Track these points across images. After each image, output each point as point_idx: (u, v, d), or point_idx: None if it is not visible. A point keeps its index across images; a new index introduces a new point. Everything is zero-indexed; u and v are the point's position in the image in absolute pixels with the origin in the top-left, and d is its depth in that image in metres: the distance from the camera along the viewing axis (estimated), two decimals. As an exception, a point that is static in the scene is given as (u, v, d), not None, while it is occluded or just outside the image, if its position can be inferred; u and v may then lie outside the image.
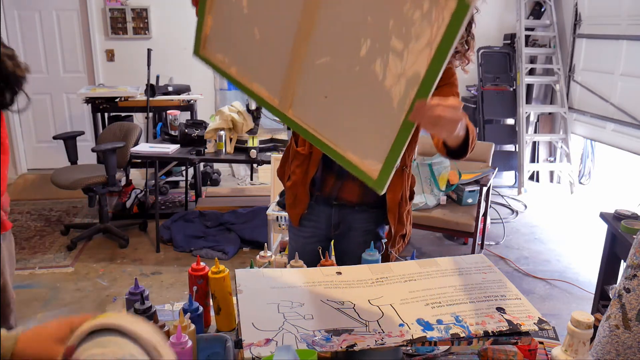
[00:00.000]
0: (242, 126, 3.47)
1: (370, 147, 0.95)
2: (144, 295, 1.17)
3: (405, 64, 0.85)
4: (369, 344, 0.92)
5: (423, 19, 0.81)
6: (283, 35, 1.03)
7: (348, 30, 0.93)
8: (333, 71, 0.97)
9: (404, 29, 0.84)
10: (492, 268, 1.20)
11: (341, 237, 1.68)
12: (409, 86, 0.85)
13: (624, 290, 0.83)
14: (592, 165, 5.33)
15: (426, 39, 0.81)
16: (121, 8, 5.01)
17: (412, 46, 0.83)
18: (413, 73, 0.84)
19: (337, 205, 1.63)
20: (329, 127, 1.02)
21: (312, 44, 0.98)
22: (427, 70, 0.82)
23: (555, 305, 3.10)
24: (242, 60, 1.16)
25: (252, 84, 1.13)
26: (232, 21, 1.15)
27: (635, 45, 4.22)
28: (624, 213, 2.36)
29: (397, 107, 0.88)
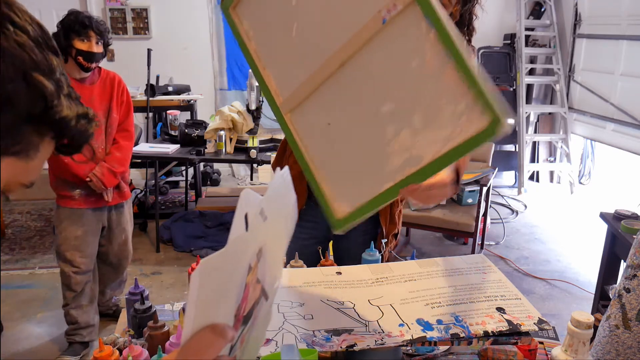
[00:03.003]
0: (242, 126, 3.47)
1: (348, 190, 0.96)
2: (144, 295, 1.17)
3: (415, 143, 0.85)
4: (369, 344, 0.92)
5: (452, 115, 0.80)
6: (320, 47, 1.00)
7: (382, 83, 0.91)
8: (347, 107, 0.96)
9: (431, 113, 0.83)
10: (492, 268, 1.20)
11: (340, 238, 1.68)
12: (408, 164, 0.86)
13: (624, 290, 0.83)
14: (592, 165, 5.33)
15: (444, 135, 0.81)
16: (121, 8, 5.01)
17: (429, 133, 0.83)
18: (417, 155, 0.85)
19: None
20: (319, 152, 1.02)
21: (343, 72, 0.97)
22: (431, 162, 0.83)
23: (555, 305, 3.10)
24: (268, 43, 1.11)
25: (265, 70, 1.10)
26: (276, 3, 1.08)
27: (635, 45, 4.22)
28: (624, 213, 2.36)
29: (387, 174, 0.89)
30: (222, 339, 0.44)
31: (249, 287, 0.52)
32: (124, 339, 1.10)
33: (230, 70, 5.29)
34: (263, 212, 0.52)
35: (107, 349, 1.01)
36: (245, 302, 0.52)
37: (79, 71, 2.22)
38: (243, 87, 5.24)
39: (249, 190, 0.51)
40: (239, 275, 0.49)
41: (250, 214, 0.51)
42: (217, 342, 0.44)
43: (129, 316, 1.19)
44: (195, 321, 0.44)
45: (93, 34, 2.19)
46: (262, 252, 0.54)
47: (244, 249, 0.50)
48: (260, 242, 0.53)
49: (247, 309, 0.53)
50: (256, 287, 0.55)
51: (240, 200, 0.50)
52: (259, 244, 0.53)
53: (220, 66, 5.27)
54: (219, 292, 0.46)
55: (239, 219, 0.50)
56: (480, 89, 0.76)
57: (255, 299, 0.56)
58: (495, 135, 0.75)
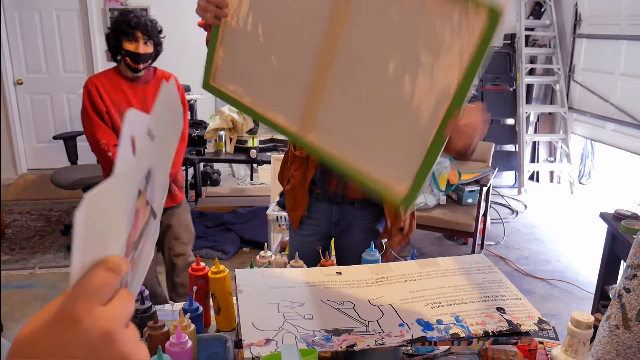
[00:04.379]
0: (242, 126, 3.47)
1: (398, 166, 0.95)
2: (144, 295, 1.17)
3: (435, 78, 0.84)
4: (369, 344, 0.92)
5: (453, 31, 0.79)
6: (304, 60, 1.02)
7: (375, 50, 0.92)
8: (359, 93, 0.96)
9: (434, 43, 0.82)
10: (492, 268, 1.20)
11: (341, 235, 1.69)
12: (440, 101, 0.85)
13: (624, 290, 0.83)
14: (592, 165, 5.33)
15: (457, 51, 0.80)
16: (121, 8, 5.01)
17: (442, 60, 0.82)
18: (444, 87, 0.84)
19: (338, 202, 1.63)
20: (354, 149, 1.01)
21: (336, 67, 0.98)
22: (461, 82, 0.81)
23: (555, 305, 3.10)
24: (257, 89, 1.15)
25: (268, 113, 1.13)
26: (246, 51, 1.14)
27: (635, 45, 4.22)
28: (624, 213, 2.36)
29: (427, 123, 0.88)
30: (116, 275, 0.40)
31: (139, 212, 0.49)
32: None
33: (230, 70, 5.28)
34: (150, 132, 0.49)
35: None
36: (136, 227, 0.49)
37: (130, 71, 2.23)
38: (243, 87, 5.23)
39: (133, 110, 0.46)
40: (128, 203, 0.46)
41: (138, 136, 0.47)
42: (112, 279, 0.40)
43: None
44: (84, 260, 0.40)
45: (140, 35, 2.16)
46: (151, 174, 0.52)
47: (132, 175, 0.46)
48: (148, 163, 0.50)
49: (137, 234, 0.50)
50: (146, 210, 0.52)
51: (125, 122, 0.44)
52: (147, 166, 0.50)
53: (220, 66, 5.27)
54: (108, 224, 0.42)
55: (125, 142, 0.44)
56: None
57: (144, 222, 0.53)
58: (500, 22, 0.73)
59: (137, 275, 0.55)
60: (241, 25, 1.12)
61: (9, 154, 5.19)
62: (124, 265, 0.42)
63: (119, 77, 2.25)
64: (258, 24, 1.09)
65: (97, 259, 0.41)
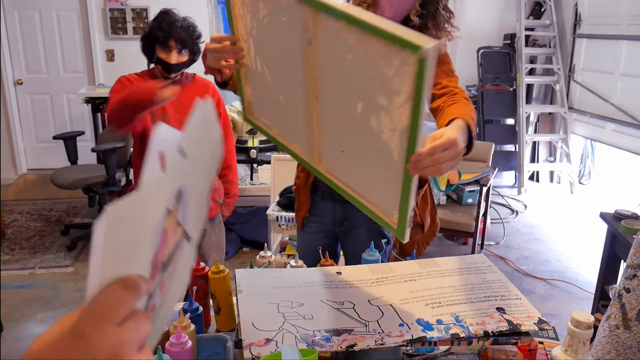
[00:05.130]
0: (242, 126, 3.47)
1: (386, 197, 0.99)
2: (144, 295, 1.17)
3: (394, 118, 0.88)
4: (369, 344, 0.92)
5: (396, 73, 0.82)
6: (298, 98, 1.09)
7: (344, 90, 0.97)
8: (343, 128, 1.02)
9: (384, 85, 0.86)
10: (492, 268, 1.20)
11: (346, 234, 1.69)
12: (401, 139, 0.88)
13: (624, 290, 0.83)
14: (592, 165, 5.33)
15: (404, 92, 0.83)
16: (121, 8, 5.01)
17: (395, 101, 0.86)
18: (401, 126, 0.87)
19: (341, 201, 1.63)
20: (352, 180, 1.08)
21: (321, 104, 1.04)
22: (410, 122, 0.84)
23: (555, 305, 3.10)
24: (278, 122, 1.24)
25: (291, 145, 1.21)
26: (262, 88, 1.24)
27: (635, 45, 4.22)
28: (624, 213, 2.36)
29: (398, 158, 0.91)
30: (134, 294, 0.39)
31: (167, 232, 0.48)
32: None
33: (230, 70, 5.29)
34: (182, 149, 0.48)
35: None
36: (164, 247, 0.47)
37: (163, 78, 2.08)
38: (243, 87, 5.24)
39: (163, 125, 0.45)
40: (154, 220, 0.44)
41: (168, 153, 0.45)
42: (129, 298, 0.38)
43: (129, 316, 1.18)
44: (103, 275, 0.38)
45: (174, 44, 1.99)
46: (182, 194, 0.50)
47: (159, 192, 0.44)
48: (179, 183, 0.48)
49: (167, 255, 0.49)
50: (176, 231, 0.51)
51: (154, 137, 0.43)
52: (177, 185, 0.48)
53: (220, 66, 5.27)
54: (130, 241, 0.40)
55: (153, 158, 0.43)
56: (394, 35, 0.79)
57: (175, 242, 0.51)
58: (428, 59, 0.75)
59: (168, 300, 0.52)
60: (254, 65, 1.21)
61: (9, 154, 5.19)
62: (143, 285, 0.40)
63: (154, 79, 2.09)
64: (263, 65, 1.18)
65: (116, 276, 0.39)
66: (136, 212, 0.41)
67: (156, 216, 0.44)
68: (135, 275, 0.40)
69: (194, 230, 0.55)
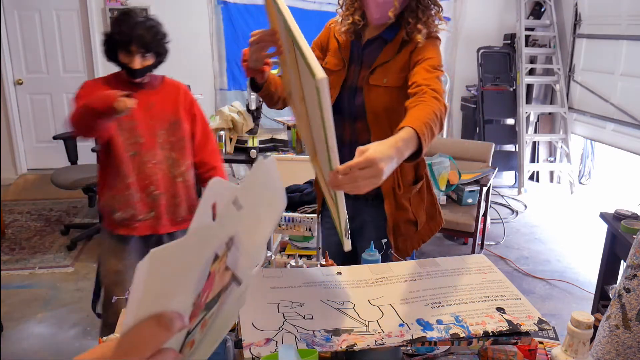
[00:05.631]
0: (242, 126, 3.47)
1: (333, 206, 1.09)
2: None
3: (320, 135, 0.94)
4: (369, 344, 0.92)
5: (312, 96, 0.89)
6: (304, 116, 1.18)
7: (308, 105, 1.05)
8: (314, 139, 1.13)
9: (312, 104, 0.93)
10: (492, 268, 1.20)
11: (356, 232, 1.70)
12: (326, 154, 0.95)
13: (624, 290, 0.83)
14: (592, 165, 5.33)
15: (318, 113, 0.88)
16: (121, 8, 5.01)
17: (317, 120, 0.92)
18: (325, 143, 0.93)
19: (352, 197, 1.62)
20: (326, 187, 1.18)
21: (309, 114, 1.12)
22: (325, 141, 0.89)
23: (555, 305, 3.10)
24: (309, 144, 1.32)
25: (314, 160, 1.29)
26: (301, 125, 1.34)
27: (635, 45, 4.22)
28: (624, 213, 2.36)
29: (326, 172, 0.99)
30: (166, 332, 0.40)
31: (214, 275, 0.50)
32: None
33: (230, 70, 5.29)
34: (237, 201, 0.50)
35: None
36: (210, 289, 0.50)
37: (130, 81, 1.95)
38: (243, 87, 5.24)
39: (219, 179, 0.48)
40: (199, 264, 0.46)
41: (220, 203, 0.48)
42: (160, 335, 0.39)
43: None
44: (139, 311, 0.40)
45: (136, 48, 1.85)
46: (234, 241, 0.52)
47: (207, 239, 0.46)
48: (230, 231, 0.50)
49: (211, 296, 0.51)
50: (224, 274, 0.53)
51: (208, 189, 0.46)
52: (228, 233, 0.50)
53: (220, 66, 5.27)
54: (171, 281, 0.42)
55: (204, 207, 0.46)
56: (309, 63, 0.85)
57: (222, 285, 0.53)
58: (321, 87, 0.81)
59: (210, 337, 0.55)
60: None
61: (9, 154, 5.19)
62: (177, 322, 0.41)
63: (125, 81, 1.95)
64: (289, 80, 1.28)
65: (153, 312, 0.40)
66: (181, 256, 0.42)
67: (202, 260, 0.46)
68: (170, 312, 0.41)
69: (245, 275, 0.58)
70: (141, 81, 1.95)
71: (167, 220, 2.02)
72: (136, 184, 1.94)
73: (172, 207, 2.03)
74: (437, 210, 1.69)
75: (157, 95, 2.00)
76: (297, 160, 3.06)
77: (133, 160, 1.93)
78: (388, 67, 1.47)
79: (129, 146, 1.92)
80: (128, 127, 1.91)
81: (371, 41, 1.51)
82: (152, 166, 1.95)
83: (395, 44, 1.48)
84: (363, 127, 1.53)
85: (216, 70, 5.27)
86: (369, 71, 1.49)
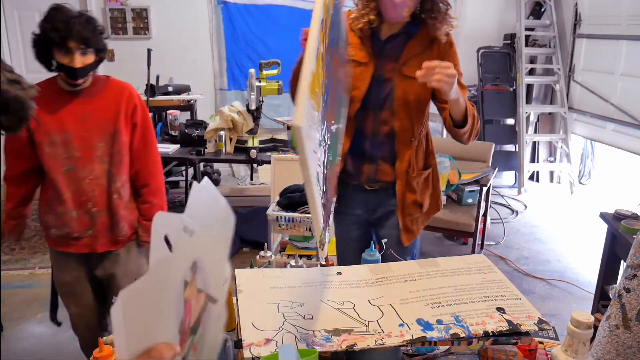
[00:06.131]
0: (242, 126, 3.47)
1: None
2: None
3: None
4: (369, 344, 0.92)
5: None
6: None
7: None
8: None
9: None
10: (492, 268, 1.20)
11: (380, 221, 1.76)
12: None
13: (624, 290, 0.83)
14: (592, 165, 5.33)
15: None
16: (121, 8, 5.01)
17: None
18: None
19: (372, 190, 1.70)
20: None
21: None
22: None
23: (555, 305, 3.10)
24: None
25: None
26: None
27: (635, 45, 4.22)
28: (624, 213, 2.36)
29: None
30: None
31: (189, 301, 0.52)
32: (124, 339, 1.10)
33: (230, 70, 5.29)
34: (187, 227, 0.52)
35: (107, 349, 1.01)
36: (189, 315, 0.52)
37: (68, 85, 1.78)
38: (243, 87, 5.24)
39: (161, 213, 0.49)
40: (170, 294, 0.48)
41: (172, 234, 0.50)
42: None
43: (129, 316, 1.18)
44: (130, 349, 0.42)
45: (75, 45, 1.65)
46: (198, 265, 0.54)
47: (169, 270, 0.48)
48: (191, 257, 0.52)
49: (194, 320, 0.53)
50: (199, 297, 0.55)
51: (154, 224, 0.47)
52: (190, 259, 0.52)
53: (220, 66, 5.27)
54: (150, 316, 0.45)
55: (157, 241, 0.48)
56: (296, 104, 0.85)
57: (200, 308, 0.55)
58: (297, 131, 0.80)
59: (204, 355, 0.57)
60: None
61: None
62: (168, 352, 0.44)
63: (56, 90, 1.80)
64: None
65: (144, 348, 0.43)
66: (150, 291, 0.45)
67: (173, 290, 0.48)
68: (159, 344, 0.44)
69: (218, 292, 0.60)
70: (83, 82, 1.74)
71: (105, 239, 1.87)
72: (72, 201, 1.78)
73: (111, 225, 1.85)
74: (440, 196, 1.85)
75: (95, 103, 1.78)
76: (297, 160, 3.05)
77: (68, 176, 1.76)
78: (420, 60, 1.54)
79: (64, 161, 1.74)
80: (62, 140, 1.73)
81: (394, 36, 1.60)
82: (89, 182, 1.77)
83: (421, 38, 1.59)
84: (386, 118, 1.62)
85: (216, 70, 5.27)
86: (398, 63, 1.59)
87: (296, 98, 0.84)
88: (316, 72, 0.91)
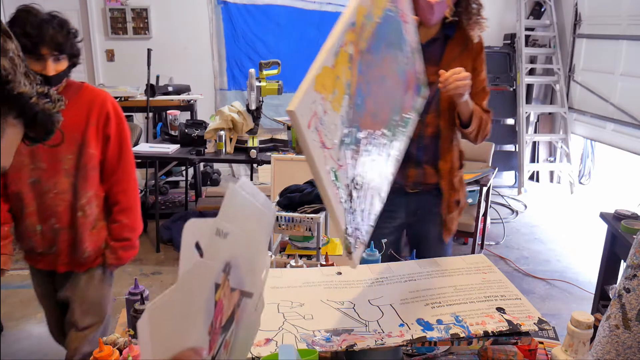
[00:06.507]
0: (242, 126, 3.46)
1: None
2: (144, 295, 1.17)
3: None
4: (369, 344, 0.92)
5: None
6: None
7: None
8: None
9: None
10: (492, 268, 1.20)
11: (420, 223, 1.78)
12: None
13: (624, 290, 0.83)
14: (592, 165, 5.33)
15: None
16: (121, 8, 5.01)
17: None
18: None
19: (414, 193, 1.73)
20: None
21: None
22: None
23: (555, 305, 3.10)
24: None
25: None
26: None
27: (635, 45, 4.22)
28: (624, 213, 2.35)
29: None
30: None
31: (221, 301, 0.52)
32: (124, 339, 1.10)
33: (230, 70, 5.29)
34: (220, 231, 0.52)
35: (107, 349, 1.01)
36: (221, 314, 0.52)
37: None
38: (243, 87, 5.24)
39: (193, 219, 0.48)
40: (201, 301, 0.48)
41: (203, 240, 0.50)
42: None
43: (129, 316, 1.19)
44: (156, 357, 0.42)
45: (47, 51, 1.53)
46: (231, 264, 0.54)
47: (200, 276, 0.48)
48: (224, 258, 0.53)
49: (225, 319, 0.53)
50: (232, 296, 0.55)
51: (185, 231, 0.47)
52: (222, 261, 0.52)
53: (220, 66, 5.27)
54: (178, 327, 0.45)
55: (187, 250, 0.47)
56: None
57: (233, 305, 0.55)
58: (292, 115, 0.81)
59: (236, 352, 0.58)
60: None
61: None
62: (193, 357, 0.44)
63: None
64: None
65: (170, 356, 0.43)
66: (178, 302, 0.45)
67: (203, 296, 0.49)
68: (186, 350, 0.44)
69: (255, 286, 0.60)
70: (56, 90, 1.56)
71: (67, 259, 1.75)
72: (36, 215, 1.69)
73: (73, 245, 1.73)
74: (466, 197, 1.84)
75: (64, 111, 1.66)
76: (297, 160, 3.05)
77: (34, 189, 1.66)
78: (460, 61, 1.59)
79: (30, 172, 1.64)
80: (28, 151, 1.61)
81: (433, 40, 1.63)
82: (53, 196, 1.66)
83: (458, 40, 1.63)
84: (430, 121, 1.64)
85: (216, 70, 5.27)
86: (440, 66, 1.59)
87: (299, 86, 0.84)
88: (334, 69, 0.89)
